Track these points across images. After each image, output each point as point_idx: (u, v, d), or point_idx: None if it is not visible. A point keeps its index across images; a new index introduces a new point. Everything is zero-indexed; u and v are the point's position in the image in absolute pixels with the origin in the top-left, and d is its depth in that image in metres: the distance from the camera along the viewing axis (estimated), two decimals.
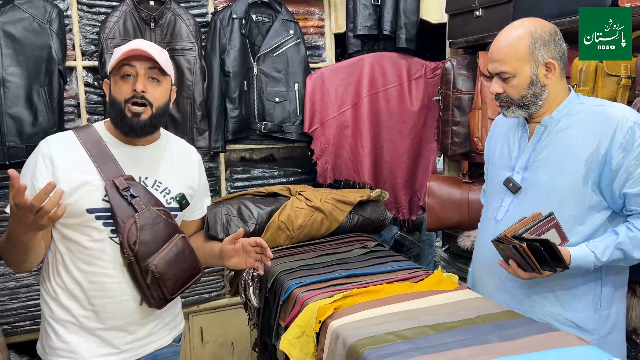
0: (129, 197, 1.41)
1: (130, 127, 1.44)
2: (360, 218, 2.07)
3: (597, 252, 1.40)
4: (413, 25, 2.57)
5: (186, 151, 1.65)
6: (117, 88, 1.43)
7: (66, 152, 1.43)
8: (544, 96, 1.48)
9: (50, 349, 1.46)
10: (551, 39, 1.45)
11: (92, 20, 2.40)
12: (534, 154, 1.53)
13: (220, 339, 2.83)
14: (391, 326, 1.27)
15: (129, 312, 1.45)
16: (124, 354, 1.47)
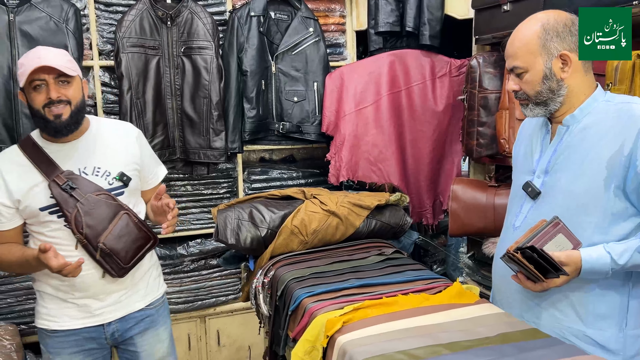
0: (69, 190, 1.60)
1: (55, 129, 1.59)
2: (378, 223, 1.98)
3: (613, 253, 1.27)
4: (437, 22, 2.45)
5: (122, 131, 1.77)
6: (33, 99, 1.56)
7: (12, 165, 1.63)
8: (563, 92, 1.37)
9: (37, 313, 1.72)
10: (566, 29, 1.34)
11: (109, 19, 2.39)
12: (554, 156, 1.42)
13: (237, 343, 2.79)
14: (402, 344, 1.18)
15: (94, 283, 1.66)
16: (96, 317, 1.69)
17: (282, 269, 1.72)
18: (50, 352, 1.70)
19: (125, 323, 1.74)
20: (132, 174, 1.72)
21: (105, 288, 1.68)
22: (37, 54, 1.56)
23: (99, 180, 1.67)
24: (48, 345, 1.70)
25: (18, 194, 1.60)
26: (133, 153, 1.75)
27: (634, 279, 1.35)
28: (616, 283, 1.34)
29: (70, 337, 1.68)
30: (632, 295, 1.35)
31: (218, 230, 1.72)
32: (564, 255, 1.28)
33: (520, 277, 1.36)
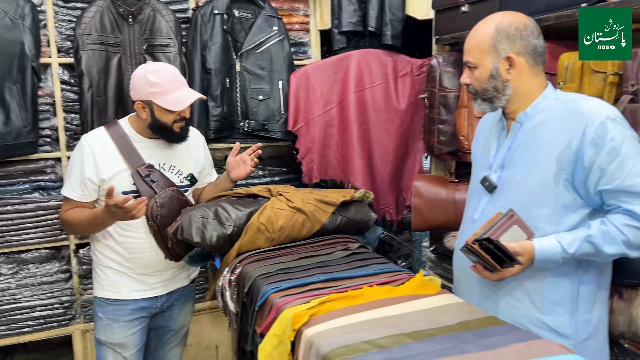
0: (149, 182, 1.88)
1: (179, 137, 1.94)
2: (344, 219, 2.01)
3: (564, 243, 1.35)
4: (399, 22, 2.51)
5: (193, 136, 2.06)
6: (165, 115, 1.87)
7: (103, 148, 1.89)
8: (508, 91, 1.44)
9: (99, 284, 1.99)
10: (517, 33, 1.41)
11: (67, 15, 2.34)
12: (509, 151, 1.49)
13: (204, 342, 2.77)
14: (368, 334, 1.21)
15: (155, 263, 1.97)
16: (152, 290, 2.00)
17: (248, 265, 1.73)
18: (110, 318, 1.97)
19: (173, 295, 2.07)
20: (197, 176, 2.07)
21: (162, 267, 1.98)
22: (180, 82, 1.88)
23: (173, 177, 1.97)
24: (107, 313, 1.97)
25: (105, 175, 1.86)
26: (198, 156, 2.08)
27: (583, 267, 1.42)
28: (567, 271, 1.41)
29: (128, 305, 1.97)
30: (582, 282, 1.42)
31: (183, 229, 1.72)
32: (518, 246, 1.35)
33: (478, 267, 1.43)
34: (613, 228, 1.33)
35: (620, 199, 1.34)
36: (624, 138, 1.33)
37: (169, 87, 1.83)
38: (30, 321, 2.38)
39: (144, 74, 1.84)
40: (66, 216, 1.93)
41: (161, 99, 1.82)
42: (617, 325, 1.59)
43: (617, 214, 1.35)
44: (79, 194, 1.89)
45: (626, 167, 1.32)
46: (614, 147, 1.32)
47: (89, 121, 2.27)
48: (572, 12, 1.69)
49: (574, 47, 1.87)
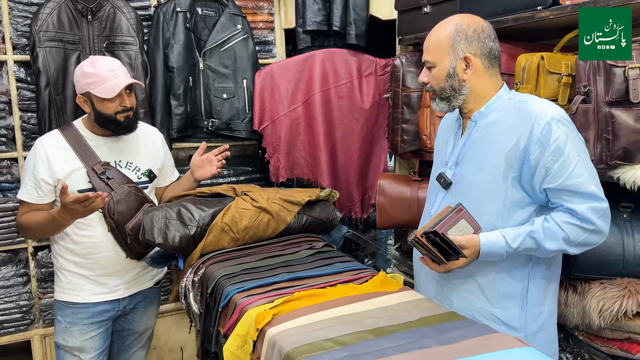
0: (105, 179, 1.87)
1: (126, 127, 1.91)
2: (309, 218, 2.02)
3: (507, 237, 1.39)
4: (363, 22, 2.53)
5: (150, 133, 2.09)
6: (105, 105, 1.85)
7: (56, 148, 1.88)
8: (464, 91, 1.48)
9: (58, 287, 1.97)
10: (475, 34, 1.45)
11: (23, 11, 2.27)
12: (463, 149, 1.54)
13: (168, 344, 2.74)
14: (330, 332, 1.22)
15: (116, 263, 1.94)
16: (113, 293, 1.97)
17: (212, 266, 1.72)
18: (68, 321, 1.94)
19: (136, 298, 2.04)
20: (156, 172, 2.05)
21: (124, 267, 1.95)
22: (117, 77, 1.85)
23: (130, 173, 1.96)
24: (66, 316, 1.94)
25: (60, 174, 1.85)
26: (157, 154, 2.07)
27: (533, 262, 1.47)
28: (517, 266, 1.46)
29: (87, 308, 1.93)
30: (532, 276, 1.48)
31: (144, 230, 1.69)
32: (464, 239, 1.38)
33: (426, 259, 1.47)
34: (554, 225, 1.38)
35: (563, 197, 1.39)
36: (567, 139, 1.37)
37: (103, 77, 1.83)
38: None
39: (81, 66, 1.88)
40: (23, 220, 1.90)
41: (97, 89, 1.82)
42: (571, 317, 1.65)
43: (559, 212, 1.40)
44: (34, 196, 1.87)
45: (569, 167, 1.37)
46: (558, 147, 1.36)
47: (47, 120, 2.20)
48: (530, 14, 1.75)
49: (532, 48, 1.93)
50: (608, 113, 1.48)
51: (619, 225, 1.61)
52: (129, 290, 2.01)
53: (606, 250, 1.57)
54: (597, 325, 1.58)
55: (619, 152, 1.48)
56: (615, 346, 1.61)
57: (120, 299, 1.99)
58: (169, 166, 2.17)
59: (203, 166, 2.07)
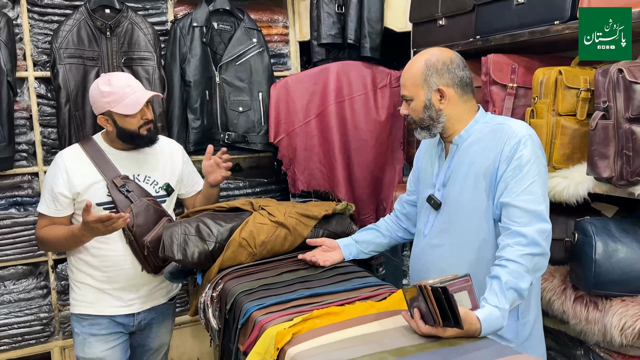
0: (125, 192, 1.90)
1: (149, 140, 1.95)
2: (325, 232, 2.02)
3: (497, 304, 1.33)
4: (377, 34, 2.54)
5: (168, 146, 2.11)
6: (127, 122, 1.88)
7: (76, 162, 1.91)
8: (442, 119, 1.57)
9: (75, 300, 1.98)
10: (444, 67, 1.54)
11: (44, 29, 2.31)
12: (448, 171, 1.62)
13: (185, 356, 2.76)
14: (350, 352, 1.22)
15: (132, 276, 1.95)
16: (129, 307, 1.98)
17: (230, 282, 1.73)
18: (86, 332, 1.96)
19: (151, 313, 2.05)
20: (175, 186, 2.07)
21: (139, 281, 1.97)
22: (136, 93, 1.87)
23: (148, 187, 1.98)
24: (84, 327, 1.96)
25: (79, 187, 1.88)
26: (177, 167, 2.09)
27: None
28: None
29: (103, 320, 1.96)
30: None
31: (164, 247, 1.71)
32: (463, 311, 1.26)
33: (415, 313, 1.30)
34: (513, 264, 1.38)
35: (512, 215, 1.43)
36: (531, 158, 1.45)
37: (122, 94, 1.84)
38: (7, 339, 2.34)
39: (96, 86, 1.88)
40: (42, 234, 1.92)
41: (118, 106, 1.84)
42: (592, 334, 1.63)
43: (507, 249, 1.40)
44: (53, 209, 1.90)
45: (524, 184, 1.44)
46: (520, 164, 1.45)
47: (67, 135, 2.24)
48: (546, 28, 1.74)
49: (548, 61, 1.92)
50: (628, 129, 1.47)
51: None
52: (144, 305, 2.02)
53: (627, 266, 1.55)
54: (618, 343, 1.56)
55: (639, 169, 1.47)
56: None
57: (135, 313, 2.01)
58: (192, 176, 2.18)
59: (213, 171, 2.07)
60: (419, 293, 1.29)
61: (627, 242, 1.57)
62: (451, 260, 1.59)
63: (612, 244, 1.57)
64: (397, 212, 1.95)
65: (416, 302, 1.31)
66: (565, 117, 1.69)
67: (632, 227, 1.61)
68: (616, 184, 1.51)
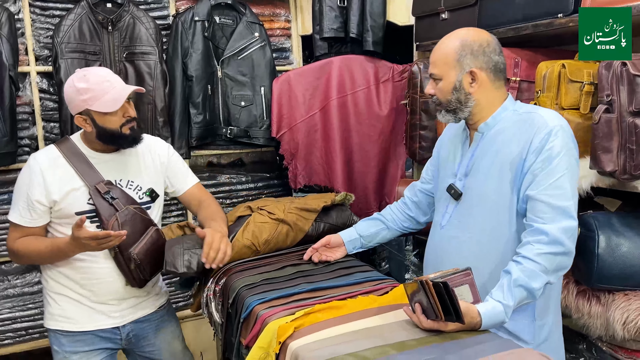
0: (110, 199, 1.71)
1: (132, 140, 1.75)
2: (327, 225, 2.02)
3: (501, 300, 1.32)
4: (380, 28, 2.53)
5: (153, 148, 1.89)
6: (108, 120, 1.68)
7: (53, 166, 1.71)
8: (470, 104, 1.50)
9: (50, 315, 1.80)
10: (480, 49, 1.47)
11: (45, 23, 2.31)
12: (472, 160, 1.55)
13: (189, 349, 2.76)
14: (352, 346, 1.22)
15: (115, 290, 1.78)
16: (112, 320, 1.81)
17: (233, 276, 1.73)
18: (66, 351, 1.78)
19: (140, 324, 1.87)
20: (160, 190, 1.89)
21: (122, 295, 1.80)
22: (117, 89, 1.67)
23: (132, 193, 1.79)
24: (63, 345, 1.78)
25: (56, 195, 1.68)
26: (163, 170, 1.90)
27: None
28: None
29: (86, 335, 1.78)
30: None
31: (167, 263, 1.69)
32: (464, 305, 1.27)
33: (416, 308, 1.31)
34: (528, 262, 1.34)
35: (537, 211, 1.37)
36: (561, 150, 1.38)
37: (99, 90, 1.65)
38: (11, 333, 2.36)
39: (71, 83, 1.68)
40: (17, 246, 1.72)
41: (96, 104, 1.65)
42: (595, 329, 1.63)
43: (527, 246, 1.36)
44: (27, 219, 1.70)
45: (552, 177, 1.37)
46: (550, 156, 1.38)
47: (69, 130, 2.24)
48: (549, 21, 1.73)
49: (552, 55, 1.91)
50: (632, 123, 1.46)
51: None
52: (127, 318, 1.83)
53: (630, 261, 1.55)
54: (621, 337, 1.56)
55: None
56: (639, 357, 1.59)
57: (120, 326, 1.83)
58: (179, 175, 1.96)
59: None
60: (420, 288, 1.29)
61: (630, 236, 1.56)
62: (469, 253, 1.52)
63: (615, 239, 1.56)
64: (406, 199, 1.88)
65: (417, 296, 1.32)
66: (569, 111, 1.68)
67: (636, 221, 1.60)
68: (619, 177, 1.51)
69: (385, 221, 1.88)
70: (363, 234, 1.87)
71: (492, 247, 1.49)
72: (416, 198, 1.84)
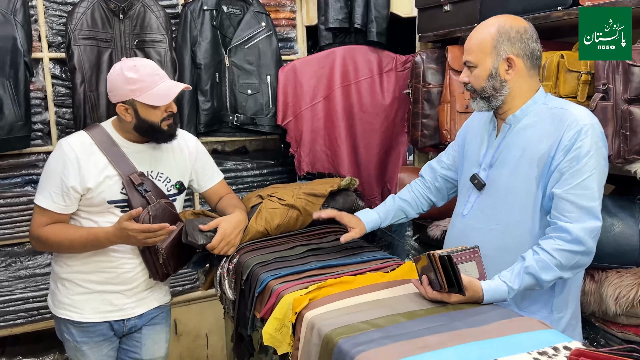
0: (142, 192, 1.71)
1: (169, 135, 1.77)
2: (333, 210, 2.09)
3: (507, 281, 1.37)
4: (384, 19, 2.60)
5: (183, 142, 1.91)
6: (151, 113, 1.70)
7: (87, 153, 1.70)
8: (505, 91, 1.49)
9: (59, 302, 1.78)
10: (518, 36, 1.46)
11: (58, 10, 2.36)
12: (497, 151, 1.56)
13: (194, 332, 2.84)
14: (364, 315, 1.31)
15: (134, 281, 1.78)
16: (121, 312, 1.80)
17: (245, 255, 1.80)
18: (77, 340, 1.78)
19: (142, 320, 1.87)
20: (187, 183, 1.92)
21: (138, 287, 1.81)
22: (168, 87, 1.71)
23: (161, 185, 1.80)
24: (74, 335, 1.79)
25: (90, 183, 1.67)
26: (190, 163, 1.92)
27: None
28: None
29: (95, 326, 1.79)
30: (556, 283, 1.49)
31: (187, 233, 1.74)
32: (467, 280, 1.34)
33: (424, 280, 1.39)
34: (545, 254, 1.37)
35: (562, 209, 1.38)
36: (590, 149, 1.38)
37: (150, 82, 1.66)
38: (24, 312, 2.41)
39: (120, 71, 1.66)
40: (46, 233, 1.68)
41: (144, 96, 1.65)
42: (588, 305, 1.73)
43: (548, 240, 1.39)
44: (60, 205, 1.67)
45: (580, 177, 1.38)
46: (578, 155, 1.38)
47: (82, 116, 2.30)
48: (548, 14, 1.81)
49: (551, 46, 1.99)
50: (626, 110, 1.55)
51: (635, 217, 1.68)
52: (135, 310, 1.83)
53: (623, 240, 1.64)
54: (613, 312, 1.66)
55: (636, 147, 1.55)
56: (630, 332, 1.69)
57: (125, 319, 1.83)
58: (207, 170, 1.99)
59: None
60: (428, 262, 1.38)
61: (623, 217, 1.66)
62: (490, 245, 1.50)
63: (608, 219, 1.65)
64: (428, 183, 1.84)
65: (425, 270, 1.41)
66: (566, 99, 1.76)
67: (629, 204, 1.70)
68: (614, 162, 1.59)
69: (408, 210, 1.85)
70: (384, 222, 1.85)
71: (514, 241, 1.49)
72: (438, 183, 1.83)
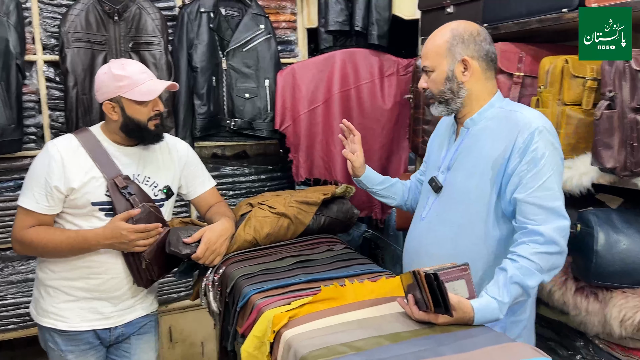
0: (127, 195, 1.69)
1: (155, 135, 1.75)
2: (327, 219, 2.02)
3: (496, 296, 1.32)
4: (385, 22, 2.52)
5: (172, 147, 1.89)
6: (137, 111, 1.69)
7: (73, 155, 1.68)
8: (463, 93, 1.50)
9: (43, 311, 1.74)
10: (471, 38, 1.48)
11: (52, 12, 2.33)
12: (456, 154, 1.56)
13: (189, 339, 2.79)
14: (346, 336, 1.23)
15: (120, 288, 1.75)
16: (107, 320, 1.77)
17: (232, 265, 1.74)
18: (63, 349, 1.74)
19: (129, 328, 1.83)
20: (175, 189, 1.87)
21: (124, 294, 1.77)
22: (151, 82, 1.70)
23: (147, 189, 1.77)
24: (59, 344, 1.74)
25: (75, 183, 1.65)
26: (179, 169, 1.89)
27: None
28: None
29: (81, 335, 1.75)
30: None
31: (170, 243, 1.70)
32: (455, 300, 1.27)
33: (409, 299, 1.32)
34: (524, 260, 1.34)
35: (528, 213, 1.37)
36: (546, 151, 1.38)
37: (137, 79, 1.67)
38: (15, 318, 2.38)
39: (107, 70, 1.68)
40: (30, 235, 1.65)
41: (130, 92, 1.65)
42: (592, 326, 1.63)
43: (522, 246, 1.36)
44: (44, 205, 1.65)
45: (540, 179, 1.37)
46: (535, 157, 1.38)
47: (74, 119, 2.26)
48: (556, 16, 1.72)
49: (556, 50, 1.90)
50: (633, 119, 1.45)
51: None
52: (122, 318, 1.79)
53: (629, 258, 1.54)
54: (618, 335, 1.56)
55: None
56: (636, 356, 1.58)
57: (112, 328, 1.79)
58: (197, 177, 1.96)
59: None
60: (414, 279, 1.30)
61: (629, 233, 1.56)
62: (445, 247, 1.52)
63: (614, 235, 1.56)
64: (418, 186, 1.88)
65: (412, 288, 1.32)
66: (571, 107, 1.68)
67: (636, 219, 1.60)
68: (620, 174, 1.50)
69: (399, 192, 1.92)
70: (379, 182, 1.92)
71: (467, 243, 1.50)
72: (418, 188, 1.86)
